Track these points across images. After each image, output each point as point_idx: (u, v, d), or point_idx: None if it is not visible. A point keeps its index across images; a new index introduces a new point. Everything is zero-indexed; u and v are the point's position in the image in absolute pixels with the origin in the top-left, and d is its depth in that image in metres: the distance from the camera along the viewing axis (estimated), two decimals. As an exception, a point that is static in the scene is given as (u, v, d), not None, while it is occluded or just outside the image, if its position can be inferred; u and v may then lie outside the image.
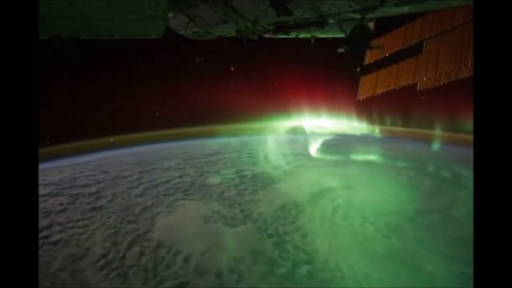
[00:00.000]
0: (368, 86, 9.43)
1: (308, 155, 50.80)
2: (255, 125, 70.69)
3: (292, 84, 56.10)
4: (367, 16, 5.23)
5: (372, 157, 47.78)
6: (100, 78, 61.15)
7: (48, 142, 47.31)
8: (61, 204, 32.78)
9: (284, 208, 30.98)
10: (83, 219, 29.67)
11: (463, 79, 7.54)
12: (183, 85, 69.78)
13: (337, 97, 52.22)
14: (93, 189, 36.97)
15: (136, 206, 32.27)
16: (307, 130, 63.31)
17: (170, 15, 7.43)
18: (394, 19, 5.57)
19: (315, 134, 60.93)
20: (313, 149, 53.71)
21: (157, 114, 69.11)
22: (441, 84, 8.20)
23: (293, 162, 46.32)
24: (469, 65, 7.28)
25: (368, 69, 8.81)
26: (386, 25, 7.89)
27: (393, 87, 8.80)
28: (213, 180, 39.30)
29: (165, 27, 5.41)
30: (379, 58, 8.45)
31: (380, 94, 9.16)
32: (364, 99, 9.54)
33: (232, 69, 57.97)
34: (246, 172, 42.04)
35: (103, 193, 35.92)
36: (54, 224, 28.86)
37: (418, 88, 8.70)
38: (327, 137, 57.90)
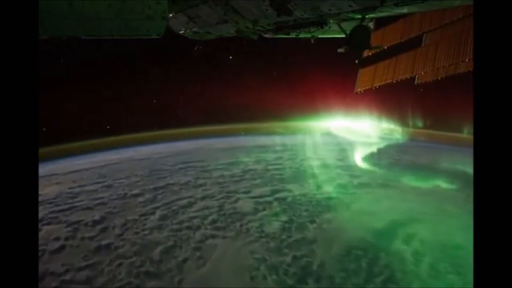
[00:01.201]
0: (366, 79, 10.46)
1: (348, 167, 51.27)
2: (276, 124, 74.84)
3: (314, 82, 60.36)
4: (367, 16, 6.28)
5: (422, 173, 47.88)
6: (103, 76, 66.42)
7: (44, 129, 47.84)
8: (57, 239, 31.59)
9: (349, 255, 28.43)
10: (86, 267, 27.76)
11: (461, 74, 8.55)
12: (188, 81, 74.06)
13: (361, 97, 51.81)
14: (97, 215, 36.11)
15: (155, 246, 30.45)
16: (334, 131, 67.02)
17: (170, 15, 8.56)
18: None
19: (343, 137, 64.07)
20: (352, 159, 55.82)
21: (154, 101, 77.05)
22: (439, 78, 9.20)
23: (335, 179, 46.19)
24: (466, 60, 8.26)
25: (367, 62, 9.79)
26: (385, 18, 8.95)
27: (391, 81, 9.83)
28: (245, 205, 38.47)
29: (165, 27, 6.47)
30: (377, 51, 9.43)
31: (378, 87, 10.20)
32: (363, 91, 10.59)
33: (230, 57, 63.47)
34: (284, 194, 41.17)
35: (110, 221, 34.92)
36: (48, 274, 26.77)
37: (416, 82, 9.71)
38: (358, 141, 59.94)
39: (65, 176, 50.26)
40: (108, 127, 69.16)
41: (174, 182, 45.40)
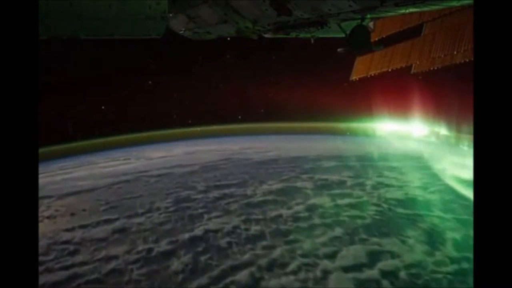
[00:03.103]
0: (362, 67, 10.71)
1: (451, 203, 34.99)
2: (314, 125, 70.67)
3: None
4: (367, 16, 6.41)
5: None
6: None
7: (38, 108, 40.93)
8: None
9: None
10: None
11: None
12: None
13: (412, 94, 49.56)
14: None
15: None
16: (388, 137, 59.23)
17: (170, 15, 8.68)
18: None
19: (404, 145, 54.93)
20: (445, 186, 39.48)
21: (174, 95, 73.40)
22: (435, 68, 9.49)
23: (446, 227, 30.86)
24: (462, 51, 8.55)
25: None
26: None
27: (386, 69, 10.13)
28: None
29: (165, 27, 6.63)
30: (376, 39, 9.70)
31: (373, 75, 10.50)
32: (357, 79, 10.89)
33: (228, 38, 59.02)
34: (389, 262, 26.30)
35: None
36: None
37: (412, 71, 9.99)
38: (431, 154, 48.21)
39: (60, 201, 39.63)
40: (103, 107, 69.06)
41: (216, 228, 31.69)
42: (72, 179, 48.90)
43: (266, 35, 8.79)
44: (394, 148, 57.13)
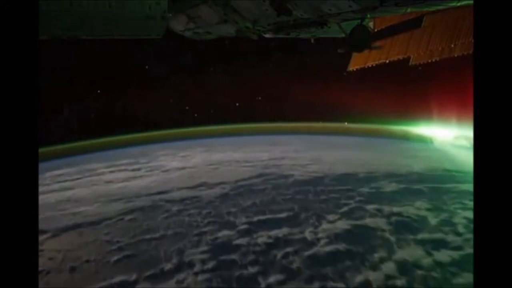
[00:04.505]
0: (360, 58, 10.88)
1: None
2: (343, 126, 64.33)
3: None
4: (368, 16, 6.43)
5: None
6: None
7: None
8: None
9: None
10: None
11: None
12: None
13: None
14: None
15: None
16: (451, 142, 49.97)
17: (170, 15, 8.73)
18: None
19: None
20: None
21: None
22: (434, 60, 9.61)
23: None
24: (458, 43, 8.66)
25: None
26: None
27: (384, 60, 10.26)
28: None
29: (165, 27, 6.65)
30: (375, 30, 9.88)
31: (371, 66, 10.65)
32: (355, 70, 11.04)
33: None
34: None
35: None
36: None
37: (410, 63, 10.14)
38: None
39: (56, 240, 28.49)
40: (98, 91, 67.29)
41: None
42: (71, 200, 38.45)
43: (266, 35, 8.81)
44: (456, 161, 46.14)
